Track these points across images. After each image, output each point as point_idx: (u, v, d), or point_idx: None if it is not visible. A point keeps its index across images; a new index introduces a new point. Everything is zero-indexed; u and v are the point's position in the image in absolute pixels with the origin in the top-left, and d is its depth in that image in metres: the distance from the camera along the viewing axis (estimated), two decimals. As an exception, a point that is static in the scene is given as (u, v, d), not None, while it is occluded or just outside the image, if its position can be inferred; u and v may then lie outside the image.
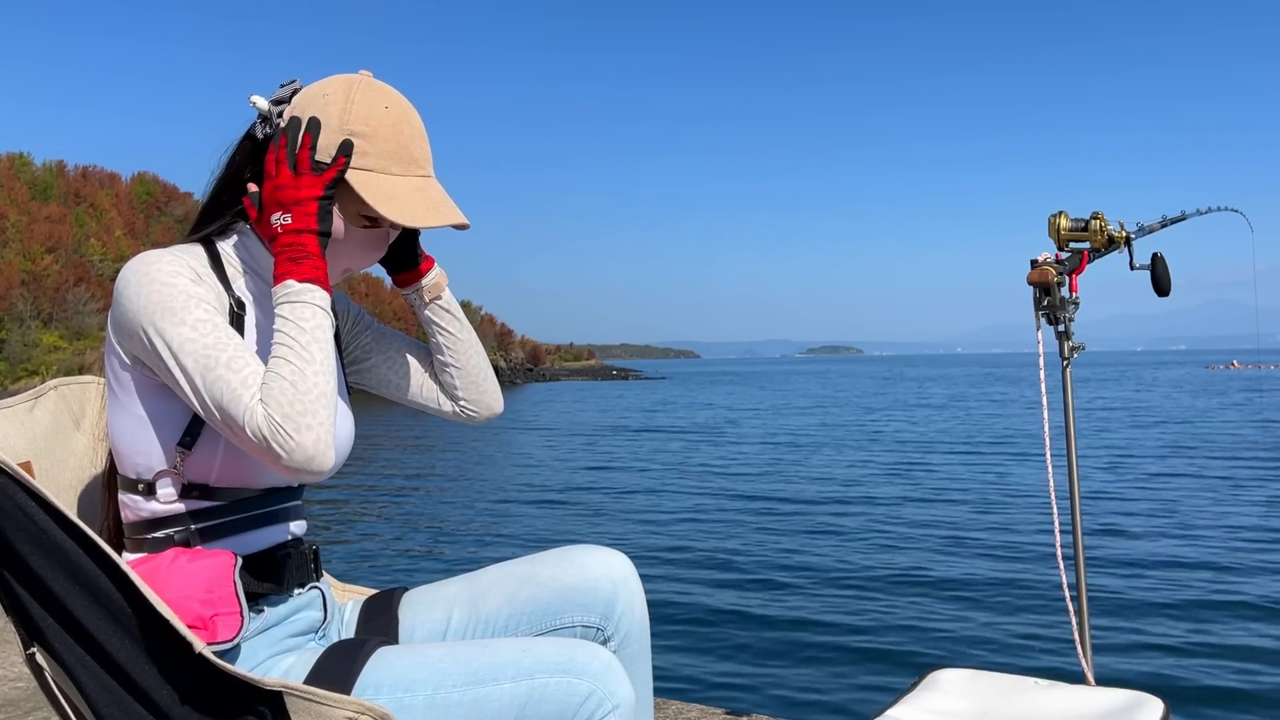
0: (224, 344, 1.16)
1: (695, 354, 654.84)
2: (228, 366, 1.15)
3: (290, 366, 1.15)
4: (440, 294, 1.47)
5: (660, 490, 14.50)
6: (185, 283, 1.19)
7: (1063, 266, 2.29)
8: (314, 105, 1.26)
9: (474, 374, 1.50)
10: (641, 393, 63.04)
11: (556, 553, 1.43)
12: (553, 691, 1.16)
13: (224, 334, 1.18)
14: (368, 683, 1.16)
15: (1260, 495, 12.39)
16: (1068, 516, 2.36)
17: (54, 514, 1.05)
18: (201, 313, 1.18)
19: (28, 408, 1.33)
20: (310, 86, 1.29)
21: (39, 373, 48.35)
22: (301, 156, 1.23)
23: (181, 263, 1.22)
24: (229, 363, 1.15)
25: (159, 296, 1.17)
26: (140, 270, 1.20)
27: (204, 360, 1.15)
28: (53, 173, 69.55)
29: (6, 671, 2.97)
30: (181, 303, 1.17)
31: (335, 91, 1.26)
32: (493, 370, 1.55)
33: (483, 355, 1.52)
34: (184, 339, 1.16)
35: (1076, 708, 1.72)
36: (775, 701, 5.22)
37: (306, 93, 1.28)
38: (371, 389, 1.53)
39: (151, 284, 1.18)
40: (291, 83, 1.31)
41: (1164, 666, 5.67)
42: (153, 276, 1.19)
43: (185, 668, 1.07)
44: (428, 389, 1.50)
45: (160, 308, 1.17)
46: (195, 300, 1.18)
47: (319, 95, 1.27)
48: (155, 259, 1.21)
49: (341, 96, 1.26)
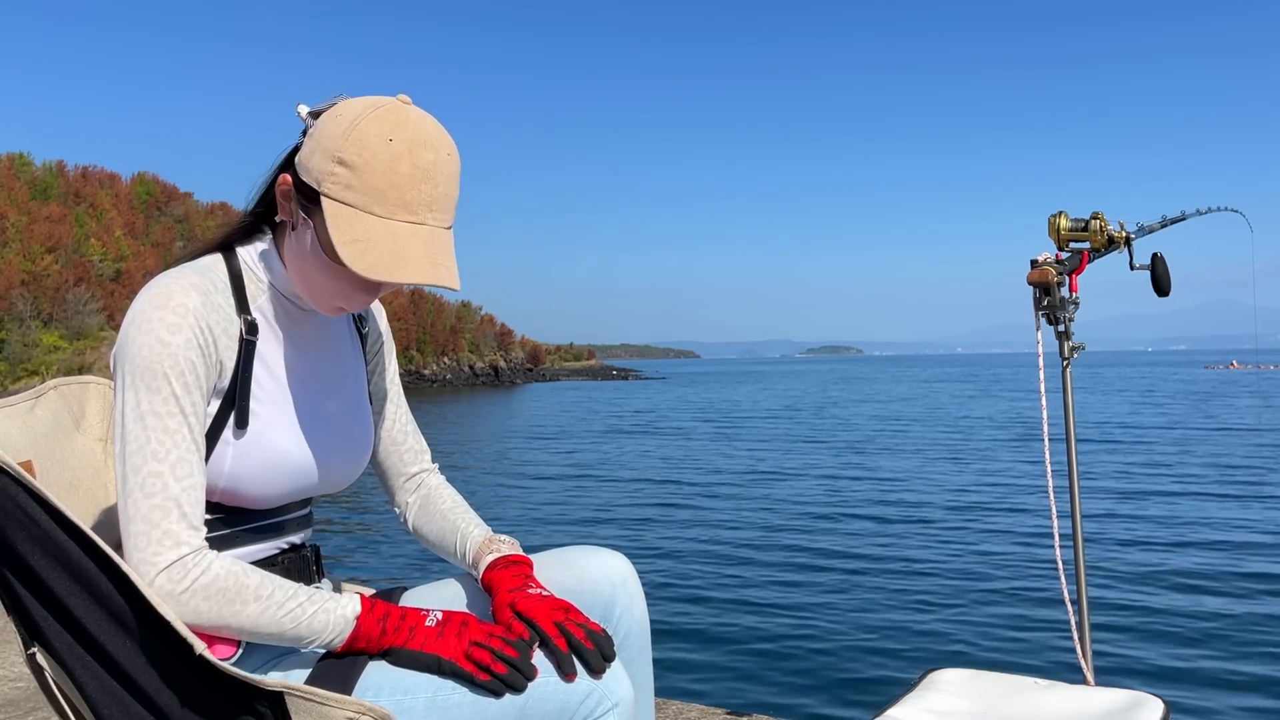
0: (171, 446, 1.13)
1: (695, 354, 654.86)
2: (158, 475, 1.12)
3: (262, 606, 1.14)
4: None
5: (660, 490, 14.50)
6: (181, 343, 1.15)
7: (1063, 266, 2.29)
8: (328, 121, 1.18)
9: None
10: (642, 393, 63.01)
11: (555, 554, 1.42)
12: (552, 691, 1.16)
13: (186, 428, 1.14)
14: (367, 686, 1.16)
15: (1260, 495, 12.39)
16: (1068, 516, 2.36)
17: (56, 515, 1.05)
18: (179, 387, 1.14)
19: (29, 407, 1.33)
20: (346, 100, 1.22)
21: (39, 373, 48.36)
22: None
23: (188, 309, 1.16)
24: (171, 469, 1.13)
25: (149, 352, 1.14)
26: (147, 313, 1.15)
27: (143, 450, 1.12)
28: (53, 173, 69.57)
29: (6, 671, 2.97)
30: (166, 367, 1.14)
31: (350, 112, 1.17)
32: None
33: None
34: (143, 412, 1.13)
35: (1076, 708, 1.72)
36: (775, 701, 5.22)
37: (335, 107, 1.21)
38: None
39: (150, 334, 1.14)
40: (339, 96, 1.24)
41: (1164, 666, 5.67)
42: (153, 326, 1.14)
43: (186, 668, 1.07)
44: (382, 465, 1.50)
45: (143, 367, 1.14)
46: (181, 370, 1.15)
47: (336, 112, 1.19)
48: (165, 300, 1.16)
49: (350, 119, 1.16)
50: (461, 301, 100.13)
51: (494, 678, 1.14)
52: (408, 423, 1.51)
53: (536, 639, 1.20)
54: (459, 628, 1.19)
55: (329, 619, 1.17)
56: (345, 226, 1.14)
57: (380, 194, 1.14)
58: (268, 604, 1.14)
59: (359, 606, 1.18)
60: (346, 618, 1.17)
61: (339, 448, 1.33)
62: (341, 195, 1.15)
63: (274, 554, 1.31)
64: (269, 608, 1.14)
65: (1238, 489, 13.02)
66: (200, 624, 1.12)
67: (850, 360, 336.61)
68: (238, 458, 1.21)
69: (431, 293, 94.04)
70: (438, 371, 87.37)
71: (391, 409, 1.49)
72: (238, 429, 1.21)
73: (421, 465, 1.52)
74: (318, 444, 1.29)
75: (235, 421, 1.21)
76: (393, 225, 1.15)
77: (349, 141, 1.14)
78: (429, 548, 1.50)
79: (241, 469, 1.22)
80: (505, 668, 1.15)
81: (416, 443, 1.52)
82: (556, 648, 1.18)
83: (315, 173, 1.16)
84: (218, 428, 1.20)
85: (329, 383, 1.35)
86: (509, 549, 1.38)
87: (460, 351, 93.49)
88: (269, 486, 1.25)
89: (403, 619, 1.19)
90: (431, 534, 1.47)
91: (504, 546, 1.38)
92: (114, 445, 1.15)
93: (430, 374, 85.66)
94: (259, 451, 1.22)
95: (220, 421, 1.21)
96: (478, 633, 1.18)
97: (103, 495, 1.39)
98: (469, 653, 1.16)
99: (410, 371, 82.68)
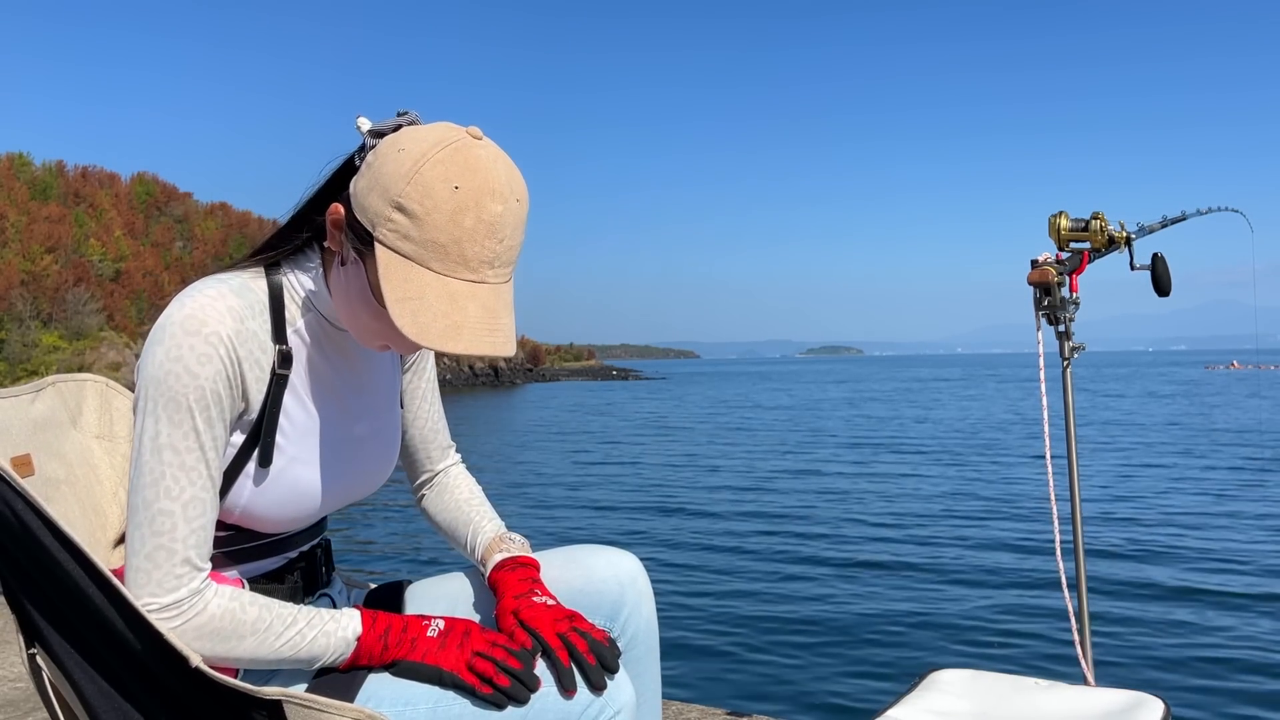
0: (186, 485, 1.10)
1: (695, 354, 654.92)
2: (169, 514, 1.09)
3: (259, 640, 1.12)
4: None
5: (660, 490, 14.50)
6: (209, 375, 1.10)
7: (1063, 266, 2.29)
8: (389, 155, 1.09)
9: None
10: (642, 393, 63.02)
11: (563, 552, 1.40)
12: (553, 702, 1.14)
13: (204, 464, 1.11)
14: (368, 696, 1.14)
15: (1260, 495, 12.39)
16: (1068, 516, 2.35)
17: (50, 526, 1.05)
18: (201, 421, 1.10)
19: (29, 399, 1.33)
20: (412, 129, 1.12)
21: (38, 373, 48.33)
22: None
23: (220, 338, 1.11)
24: (183, 509, 1.10)
25: (175, 381, 1.09)
26: (178, 338, 1.10)
27: (157, 485, 1.10)
28: (52, 173, 69.50)
29: (6, 672, 2.97)
30: (192, 400, 1.10)
31: (415, 149, 1.08)
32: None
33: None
34: (161, 445, 1.09)
35: (1076, 708, 1.72)
36: (775, 701, 5.22)
37: (399, 136, 1.11)
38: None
39: (178, 362, 1.09)
40: (405, 114, 1.16)
41: (1164, 666, 5.67)
42: (183, 354, 1.09)
43: (183, 677, 1.06)
44: (409, 457, 1.50)
45: (168, 396, 1.09)
46: (206, 404, 1.10)
47: (399, 145, 1.09)
48: (198, 327, 1.10)
49: (414, 159, 1.06)
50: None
51: (496, 690, 1.13)
52: (440, 420, 1.51)
53: (539, 649, 1.18)
54: (461, 638, 1.17)
55: (329, 642, 1.15)
56: (399, 282, 1.06)
57: (440, 249, 1.06)
58: (265, 636, 1.13)
59: (359, 626, 1.17)
60: (347, 639, 1.16)
61: (362, 471, 1.31)
62: (398, 245, 1.06)
63: (283, 565, 1.29)
64: (266, 639, 1.13)
65: (1238, 489, 13.01)
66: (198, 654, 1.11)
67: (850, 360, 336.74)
68: (256, 492, 1.19)
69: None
70: (438, 371, 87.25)
71: (426, 407, 1.49)
72: (260, 466, 1.19)
73: (447, 460, 1.53)
74: (342, 471, 1.27)
75: (259, 459, 1.18)
76: (450, 285, 1.06)
77: (411, 187, 1.05)
78: (438, 532, 1.50)
79: (259, 501, 1.20)
80: (508, 680, 1.13)
81: (445, 439, 1.52)
82: (559, 660, 1.17)
83: (371, 214, 1.08)
84: (239, 463, 1.18)
85: (362, 401, 1.31)
86: (518, 549, 1.36)
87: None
88: (284, 514, 1.23)
89: (404, 631, 1.18)
90: (444, 521, 1.47)
91: (514, 546, 1.37)
92: (130, 470, 1.13)
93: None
94: (279, 486, 1.21)
95: (243, 456, 1.18)
96: (480, 643, 1.16)
97: (97, 492, 1.39)
98: (471, 664, 1.14)
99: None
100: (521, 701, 1.13)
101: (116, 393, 1.47)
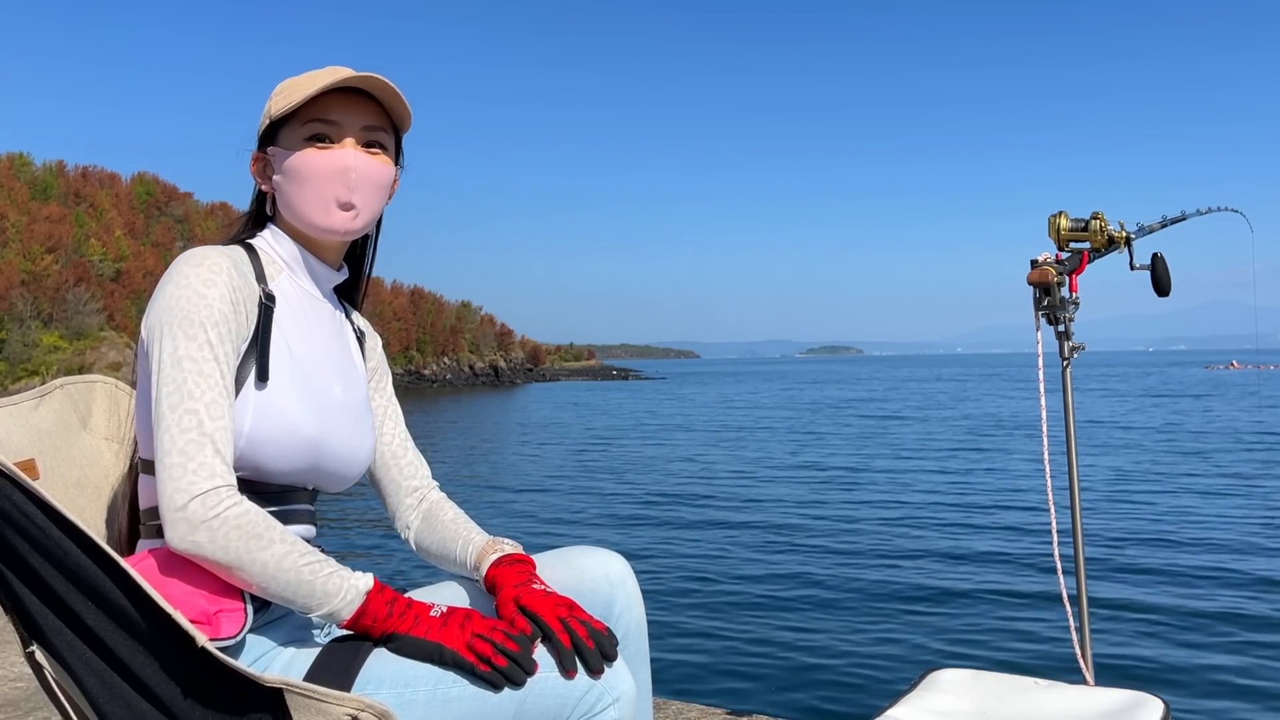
0: (206, 388, 1.19)
1: (695, 354, 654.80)
2: (194, 413, 1.17)
3: (287, 549, 1.17)
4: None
5: (660, 490, 14.50)
6: (216, 296, 1.23)
7: (1063, 266, 2.29)
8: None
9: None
10: (642, 392, 63.03)
11: (554, 554, 1.43)
12: (552, 686, 1.17)
13: (219, 373, 1.20)
14: (368, 678, 1.17)
15: (1261, 495, 12.39)
16: (1067, 516, 2.36)
17: (53, 515, 1.05)
18: (214, 335, 1.21)
19: (33, 405, 1.33)
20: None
21: (39, 373, 48.36)
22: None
23: (221, 266, 1.26)
24: (206, 409, 1.18)
25: (187, 304, 1.22)
26: (184, 271, 1.25)
27: (180, 391, 1.18)
28: (53, 173, 69.54)
29: (6, 671, 2.97)
30: (203, 317, 1.21)
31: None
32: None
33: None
34: (180, 357, 1.19)
35: (1076, 708, 1.73)
36: (775, 701, 5.22)
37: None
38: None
39: (187, 287, 1.23)
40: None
41: (1164, 666, 5.67)
42: (190, 280, 1.23)
43: (188, 663, 1.07)
44: (382, 481, 1.53)
45: (181, 316, 1.21)
46: (215, 320, 1.22)
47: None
48: (200, 259, 1.26)
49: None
50: (461, 301, 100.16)
51: (494, 670, 1.15)
52: (406, 439, 1.55)
53: (539, 634, 1.21)
54: (462, 619, 1.20)
55: (343, 585, 1.19)
56: (281, 107, 1.34)
57: (301, 85, 1.33)
58: (291, 549, 1.17)
59: (371, 583, 1.21)
60: (359, 589, 1.20)
61: (345, 436, 1.35)
62: (277, 107, 1.34)
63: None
64: (292, 553, 1.17)
65: (1238, 489, 13.02)
66: (225, 559, 1.14)
67: (850, 360, 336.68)
68: (258, 418, 1.24)
69: (432, 293, 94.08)
70: (437, 372, 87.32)
71: (390, 425, 1.53)
72: (259, 382, 1.26)
73: (422, 480, 1.54)
74: (327, 422, 1.32)
75: (257, 374, 1.26)
76: (313, 76, 1.35)
77: (275, 91, 1.37)
78: (432, 561, 1.51)
79: (260, 431, 1.24)
80: (506, 661, 1.16)
81: (415, 458, 1.55)
82: (560, 643, 1.20)
83: (261, 130, 1.37)
84: (241, 381, 1.25)
85: (337, 371, 1.39)
86: (512, 549, 1.39)
87: (460, 351, 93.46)
88: (281, 456, 1.26)
89: (409, 606, 1.22)
90: (434, 545, 1.48)
91: (506, 547, 1.40)
92: (152, 390, 1.20)
93: (430, 374, 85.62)
94: (276, 414, 1.26)
95: (244, 374, 1.25)
96: (481, 625, 1.19)
97: (109, 494, 1.39)
98: (471, 644, 1.17)
99: (410, 371, 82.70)
100: (518, 684, 1.15)
101: (125, 394, 1.48)
